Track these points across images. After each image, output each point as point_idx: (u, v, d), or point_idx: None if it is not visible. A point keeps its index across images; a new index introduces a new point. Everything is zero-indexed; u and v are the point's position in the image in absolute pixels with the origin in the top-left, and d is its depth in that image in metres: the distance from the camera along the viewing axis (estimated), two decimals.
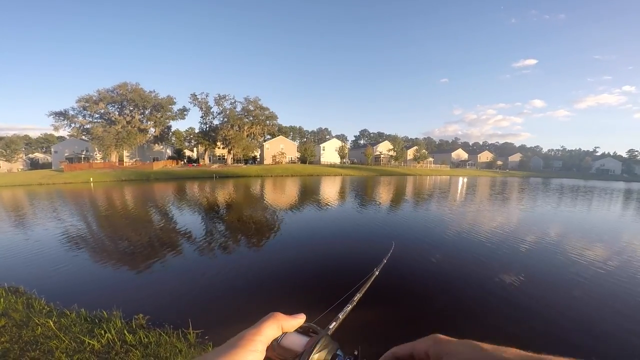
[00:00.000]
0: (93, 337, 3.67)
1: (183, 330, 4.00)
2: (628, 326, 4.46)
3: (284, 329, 0.52)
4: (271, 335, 0.49)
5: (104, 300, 4.94)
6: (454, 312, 4.89)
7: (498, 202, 19.16)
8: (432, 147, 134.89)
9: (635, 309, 4.98)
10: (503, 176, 66.24)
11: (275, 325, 0.50)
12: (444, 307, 5.01)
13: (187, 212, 14.10)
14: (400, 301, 5.15)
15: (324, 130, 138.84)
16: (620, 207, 18.35)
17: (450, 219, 12.49)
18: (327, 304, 1.19)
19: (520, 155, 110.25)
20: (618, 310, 4.95)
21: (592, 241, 9.36)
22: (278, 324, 0.51)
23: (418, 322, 4.57)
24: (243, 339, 0.46)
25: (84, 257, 7.51)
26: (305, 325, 0.54)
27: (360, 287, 1.20)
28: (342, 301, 1.06)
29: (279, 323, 0.51)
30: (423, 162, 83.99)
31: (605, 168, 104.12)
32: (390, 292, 5.17)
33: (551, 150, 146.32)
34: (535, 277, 6.27)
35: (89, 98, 50.75)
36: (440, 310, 4.92)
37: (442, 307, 5.01)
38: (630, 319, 4.69)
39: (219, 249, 8.15)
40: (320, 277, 6.19)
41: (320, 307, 1.09)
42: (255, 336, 0.47)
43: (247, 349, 0.44)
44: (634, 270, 6.78)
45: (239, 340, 0.45)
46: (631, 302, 5.21)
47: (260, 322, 0.50)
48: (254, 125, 63.61)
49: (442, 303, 5.17)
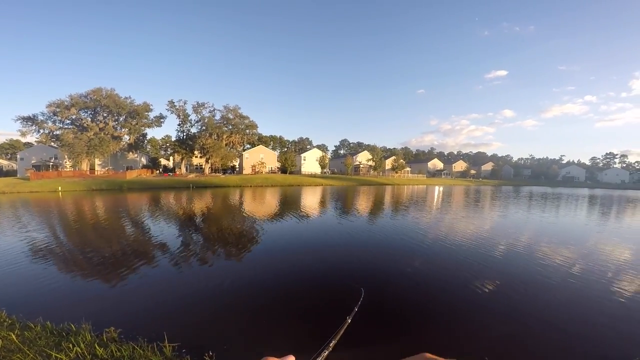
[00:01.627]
0: (60, 350, 3.55)
1: (158, 344, 3.92)
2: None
3: None
4: None
5: (72, 313, 4.77)
6: (432, 319, 5.06)
7: (475, 210, 19.91)
8: (410, 157, 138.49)
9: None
10: (477, 185, 68.91)
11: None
12: (422, 314, 5.17)
13: (162, 223, 13.73)
14: (385, 319, 5.16)
15: (305, 139, 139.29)
16: (586, 212, 19.56)
17: (430, 228, 12.91)
18: (310, 319, 1.37)
19: (492, 164, 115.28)
20: (586, 312, 5.26)
21: (561, 246, 9.95)
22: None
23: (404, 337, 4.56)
24: None
25: (50, 269, 7.18)
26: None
27: (335, 334, 1.30)
28: (320, 350, 1.14)
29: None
30: (401, 172, 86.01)
31: (570, 175, 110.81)
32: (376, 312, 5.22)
33: (521, 159, 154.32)
34: (509, 282, 6.56)
35: (60, 103, 48.64)
36: (421, 321, 5.00)
37: (420, 314, 5.17)
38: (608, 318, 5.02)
39: (195, 261, 8.02)
40: (300, 288, 6.24)
41: (302, 329, 1.27)
42: None
43: None
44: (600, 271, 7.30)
45: None
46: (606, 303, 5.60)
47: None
48: (233, 134, 63.06)
49: (419, 309, 5.34)
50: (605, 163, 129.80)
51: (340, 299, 5.45)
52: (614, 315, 5.14)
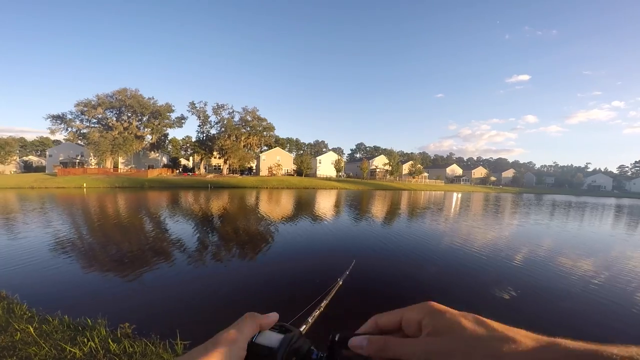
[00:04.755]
0: (75, 345, 3.53)
1: (170, 341, 3.88)
2: None
3: (261, 327, 0.54)
4: (249, 333, 0.51)
5: (89, 307, 4.78)
6: None
7: (496, 219, 19.19)
8: (427, 162, 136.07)
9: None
10: (496, 192, 66.69)
11: (252, 323, 0.52)
12: None
13: (180, 221, 13.90)
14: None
15: (320, 142, 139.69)
16: (613, 222, 18.47)
17: (444, 236, 12.48)
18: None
19: (513, 171, 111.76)
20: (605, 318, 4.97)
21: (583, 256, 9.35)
22: (254, 322, 0.52)
23: None
24: (223, 338, 0.47)
25: (71, 263, 7.32)
26: (279, 324, 0.57)
27: (325, 294, 1.30)
28: (310, 307, 1.16)
29: (255, 321, 0.53)
30: (418, 177, 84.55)
31: (596, 184, 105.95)
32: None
33: (544, 166, 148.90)
34: (528, 290, 6.28)
35: (88, 102, 50.85)
36: None
37: None
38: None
39: (210, 260, 8.00)
40: (315, 287, 6.03)
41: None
42: (235, 335, 0.48)
43: (229, 347, 0.45)
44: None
45: (220, 339, 0.46)
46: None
47: (238, 322, 0.52)
48: (251, 136, 63.88)
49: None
50: (635, 172, 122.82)
51: (363, 300, 5.23)
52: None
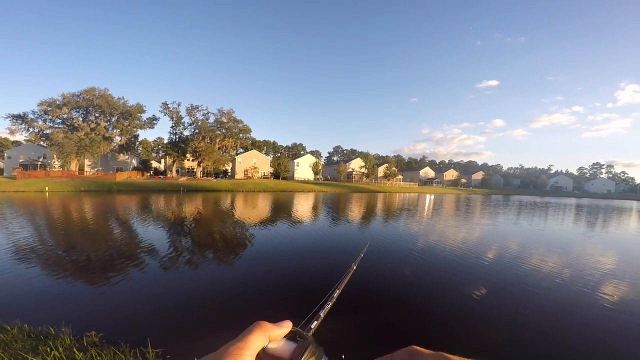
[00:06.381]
0: (37, 354, 3.52)
1: (141, 349, 3.81)
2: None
3: (271, 339, 0.49)
4: (258, 346, 0.47)
5: (52, 316, 4.68)
6: (420, 321, 5.10)
7: (465, 218, 20.21)
8: (402, 165, 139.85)
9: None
10: (467, 194, 69.68)
11: (261, 335, 0.48)
12: (413, 316, 5.25)
13: (150, 226, 13.68)
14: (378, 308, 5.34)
15: (298, 145, 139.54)
16: (574, 221, 20.02)
17: (422, 235, 13.09)
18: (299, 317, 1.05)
19: (482, 173, 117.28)
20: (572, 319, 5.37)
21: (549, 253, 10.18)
22: (265, 334, 0.48)
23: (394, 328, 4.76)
24: (229, 353, 0.43)
25: (31, 270, 7.07)
26: (293, 331, 0.52)
27: (339, 283, 1.16)
28: (323, 300, 1.05)
29: (265, 333, 0.49)
30: (393, 180, 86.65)
31: (558, 185, 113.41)
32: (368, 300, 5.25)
33: (510, 169, 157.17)
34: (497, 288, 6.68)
35: (52, 102, 48.12)
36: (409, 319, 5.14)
37: (411, 315, 5.25)
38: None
39: (182, 265, 7.91)
40: (293, 291, 6.23)
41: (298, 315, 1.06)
42: (242, 350, 0.44)
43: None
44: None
45: (225, 354, 0.43)
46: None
47: (246, 333, 0.48)
48: (227, 138, 62.96)
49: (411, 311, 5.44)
50: (592, 173, 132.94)
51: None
52: (598, 323, 5.25)
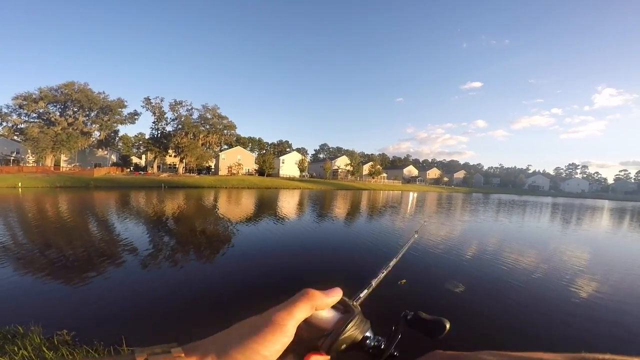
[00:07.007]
0: (4, 354, 3.34)
1: (115, 347, 3.68)
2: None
3: (317, 308, 0.46)
4: (302, 317, 0.44)
5: (22, 315, 4.47)
6: None
7: (447, 215, 20.83)
8: (386, 163, 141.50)
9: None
10: (449, 192, 71.46)
11: (307, 306, 0.45)
12: None
13: (128, 223, 13.50)
14: None
15: (284, 142, 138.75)
16: (550, 219, 20.99)
17: (399, 231, 13.48)
18: None
19: (464, 172, 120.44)
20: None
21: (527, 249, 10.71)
22: (312, 304, 0.45)
23: None
24: (273, 321, 0.41)
25: (1, 270, 6.88)
26: (341, 301, 0.49)
27: (399, 253, 1.00)
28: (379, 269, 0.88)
29: (312, 303, 0.45)
30: (377, 178, 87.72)
31: (536, 184, 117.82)
32: None
33: (491, 168, 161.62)
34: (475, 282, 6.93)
35: (28, 96, 46.20)
36: None
37: None
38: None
39: (161, 262, 7.78)
40: (270, 291, 6.07)
41: None
42: (285, 320, 0.42)
43: (277, 333, 0.40)
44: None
45: (269, 322, 0.41)
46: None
47: (292, 301, 0.45)
48: (211, 134, 62.17)
49: None
50: (568, 173, 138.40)
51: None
52: (571, 312, 5.62)
